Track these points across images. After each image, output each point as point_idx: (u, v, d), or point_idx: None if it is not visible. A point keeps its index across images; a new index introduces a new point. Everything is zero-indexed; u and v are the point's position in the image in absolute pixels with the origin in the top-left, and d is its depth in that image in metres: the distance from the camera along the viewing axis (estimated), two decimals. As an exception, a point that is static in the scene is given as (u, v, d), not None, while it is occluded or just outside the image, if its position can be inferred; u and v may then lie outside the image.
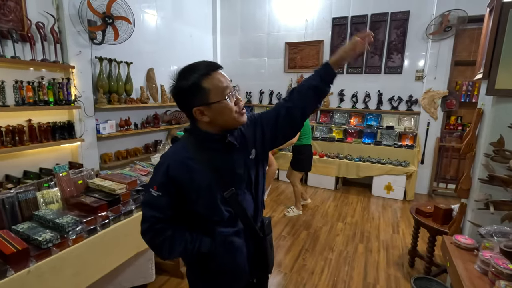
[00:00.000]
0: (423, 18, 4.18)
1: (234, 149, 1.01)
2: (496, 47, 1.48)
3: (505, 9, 1.45)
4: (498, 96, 1.53)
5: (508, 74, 1.48)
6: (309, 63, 5.02)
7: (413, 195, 4.20)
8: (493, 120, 1.55)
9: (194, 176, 0.95)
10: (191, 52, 5.00)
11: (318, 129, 5.00)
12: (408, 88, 4.45)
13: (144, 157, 3.80)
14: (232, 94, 0.98)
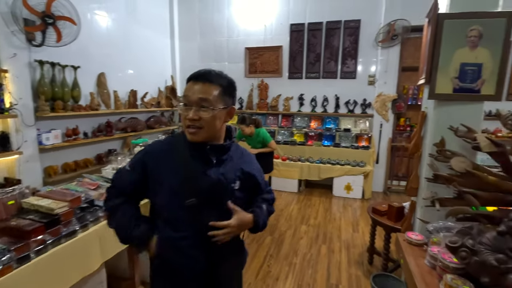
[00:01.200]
0: (373, 27, 4.45)
1: (211, 164, 1.02)
2: (434, 54, 1.59)
3: (441, 20, 1.56)
4: (438, 100, 1.64)
5: (446, 80, 1.60)
6: (269, 68, 5.08)
7: (370, 194, 4.41)
8: (435, 122, 1.66)
9: (164, 170, 1.00)
10: (148, 56, 4.79)
11: (280, 133, 5.06)
12: (362, 92, 4.70)
13: (96, 168, 3.51)
14: (187, 106, 0.97)
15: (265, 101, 5.16)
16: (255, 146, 3.49)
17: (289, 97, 5.06)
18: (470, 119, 1.60)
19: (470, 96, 1.59)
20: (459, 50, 1.56)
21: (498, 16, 1.50)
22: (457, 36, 1.55)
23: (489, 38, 1.52)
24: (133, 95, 4.34)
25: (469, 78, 1.57)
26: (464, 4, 1.54)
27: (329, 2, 4.64)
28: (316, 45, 4.81)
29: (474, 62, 1.55)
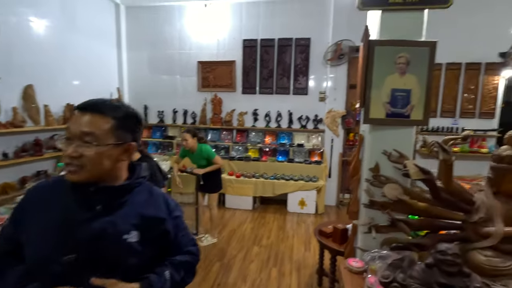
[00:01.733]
0: (322, 45, 4.60)
1: (94, 210, 0.82)
2: (367, 80, 1.60)
3: (372, 46, 1.59)
4: (372, 124, 1.65)
5: (379, 105, 1.62)
6: (222, 82, 4.98)
7: (323, 208, 4.46)
8: (371, 146, 1.67)
9: (40, 218, 0.82)
10: (89, 66, 4.41)
11: (234, 149, 4.94)
12: (314, 108, 4.80)
13: (18, 194, 3.05)
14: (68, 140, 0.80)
15: (219, 116, 5.03)
16: (199, 164, 3.31)
17: (243, 112, 4.99)
18: (402, 143, 1.63)
19: (401, 121, 1.62)
20: (389, 76, 1.59)
21: (423, 45, 1.56)
22: (387, 63, 1.58)
23: (415, 65, 1.57)
24: (70, 109, 3.92)
25: (400, 104, 1.61)
26: (393, 32, 1.58)
27: (280, 20, 4.72)
28: (269, 61, 4.84)
29: (404, 88, 1.59)
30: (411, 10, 1.55)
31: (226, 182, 4.49)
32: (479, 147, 4.40)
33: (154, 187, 0.98)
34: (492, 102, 4.38)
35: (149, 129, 5.26)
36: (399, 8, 1.55)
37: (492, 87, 4.35)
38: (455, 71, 4.41)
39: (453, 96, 4.47)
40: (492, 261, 1.29)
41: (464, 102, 4.45)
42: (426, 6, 1.53)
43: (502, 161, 1.35)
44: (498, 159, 1.37)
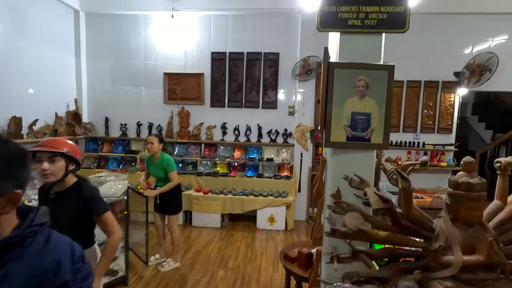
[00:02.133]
0: (291, 60, 4.63)
1: None
2: (328, 102, 1.56)
3: (332, 68, 1.55)
4: (333, 148, 1.60)
5: (340, 128, 1.57)
6: (190, 94, 4.83)
7: (293, 224, 4.38)
8: (332, 171, 1.61)
9: None
10: (41, 76, 4.06)
11: (202, 164, 4.76)
12: (283, 122, 4.78)
13: None
14: None
15: (186, 130, 4.84)
16: (157, 175, 3.08)
17: (212, 126, 4.85)
18: (364, 167, 1.59)
19: (362, 144, 1.58)
20: (349, 99, 1.56)
21: (381, 69, 1.55)
22: (347, 85, 1.55)
23: (374, 89, 1.55)
24: (16, 122, 3.55)
25: (360, 127, 1.57)
26: (352, 54, 1.55)
27: (249, 34, 4.70)
28: (238, 75, 4.77)
29: (363, 112, 1.57)
30: (369, 33, 1.54)
31: (192, 199, 4.29)
32: (439, 161, 4.60)
33: (55, 235, 0.82)
34: (449, 118, 4.63)
35: (111, 143, 4.93)
36: (357, 31, 1.53)
37: (448, 104, 4.61)
38: (415, 89, 4.62)
39: (414, 112, 4.67)
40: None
41: (424, 118, 4.66)
42: (384, 30, 1.53)
43: (458, 188, 1.34)
44: (455, 185, 1.36)
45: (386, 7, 1.52)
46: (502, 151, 6.09)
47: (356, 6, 1.52)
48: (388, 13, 1.52)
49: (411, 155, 4.66)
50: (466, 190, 1.31)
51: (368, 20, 1.52)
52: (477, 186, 1.30)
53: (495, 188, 1.51)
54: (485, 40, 4.45)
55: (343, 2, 1.52)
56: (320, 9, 1.53)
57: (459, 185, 1.34)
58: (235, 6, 4.52)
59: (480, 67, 4.23)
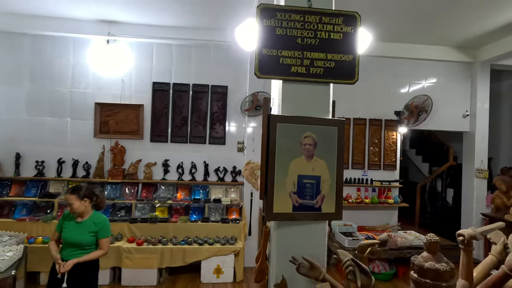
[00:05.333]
0: (240, 94, 4.42)
1: None
2: (269, 163, 1.26)
3: (273, 122, 1.27)
4: (277, 220, 1.28)
5: (284, 195, 1.27)
6: (127, 128, 4.26)
7: (242, 275, 3.92)
8: (277, 248, 1.28)
9: None
10: None
11: (138, 208, 4.11)
12: (232, 159, 4.45)
13: None
14: None
15: (120, 168, 4.20)
16: (75, 238, 2.22)
17: (152, 163, 4.30)
18: (314, 241, 1.29)
19: (311, 214, 1.29)
20: (295, 160, 1.28)
21: (330, 124, 1.32)
22: (292, 143, 1.27)
23: (324, 148, 1.31)
24: None
25: (309, 194, 1.29)
26: (296, 106, 1.30)
27: (195, 65, 4.41)
28: (183, 107, 4.38)
29: (312, 175, 1.29)
30: (315, 82, 1.32)
31: (123, 253, 3.61)
32: (386, 198, 4.64)
33: None
34: (393, 155, 4.77)
35: (22, 185, 4.04)
36: (302, 79, 1.30)
37: (392, 142, 4.76)
38: (361, 126, 4.71)
39: (361, 149, 4.72)
40: None
41: (371, 155, 4.73)
42: (331, 80, 1.32)
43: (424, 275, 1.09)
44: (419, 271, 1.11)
45: (333, 54, 1.32)
46: (439, 183, 6.51)
47: (300, 52, 1.29)
48: (336, 61, 1.32)
49: (360, 192, 4.63)
50: (433, 279, 1.07)
51: (313, 68, 1.30)
52: (446, 274, 1.07)
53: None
54: (420, 83, 4.80)
55: (285, 46, 1.29)
56: (258, 51, 1.28)
57: (424, 272, 1.09)
58: (179, 36, 4.22)
59: (418, 108, 4.48)
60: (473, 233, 1.28)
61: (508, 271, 1.13)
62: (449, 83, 4.85)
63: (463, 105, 4.87)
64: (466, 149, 4.99)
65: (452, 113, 4.83)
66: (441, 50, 4.57)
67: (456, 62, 4.72)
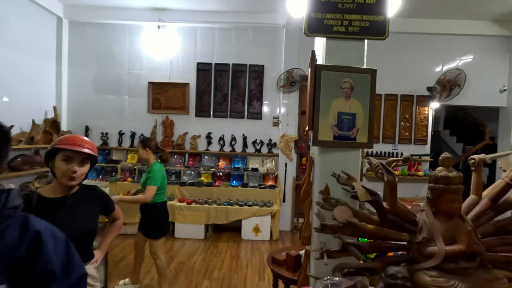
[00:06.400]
0: (275, 72, 4.77)
1: None
2: (315, 103, 1.63)
3: (319, 70, 1.63)
4: (321, 146, 1.65)
5: (327, 127, 1.64)
6: (175, 104, 4.81)
7: (278, 234, 4.36)
8: (320, 169, 1.66)
9: None
10: (20, 82, 3.93)
11: (186, 174, 4.69)
12: (268, 133, 4.85)
13: None
14: None
15: (170, 139, 4.78)
16: (142, 181, 2.73)
17: (197, 136, 4.83)
18: (350, 165, 1.65)
19: (347, 143, 1.65)
20: (336, 100, 1.64)
21: (364, 72, 1.65)
22: (333, 87, 1.63)
23: (359, 91, 1.64)
24: (-11, 128, 3.37)
25: (346, 126, 1.65)
26: (337, 58, 1.65)
27: (235, 47, 4.82)
28: (223, 85, 4.84)
29: (349, 112, 1.65)
30: (352, 39, 1.65)
31: (175, 210, 4.19)
32: (416, 171, 4.81)
33: (31, 220, 0.75)
34: (424, 130, 4.89)
35: (90, 153, 4.77)
36: (342, 36, 1.64)
37: (423, 117, 4.88)
38: (393, 102, 4.87)
39: (392, 124, 4.89)
40: (437, 281, 1.29)
41: (402, 130, 4.89)
42: (366, 37, 1.64)
43: (438, 182, 1.42)
44: (434, 179, 1.44)
45: (367, 15, 1.64)
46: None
47: (340, 14, 1.63)
48: (370, 21, 1.64)
49: (390, 165, 4.82)
50: (445, 183, 1.39)
51: (351, 27, 1.63)
52: (455, 179, 1.39)
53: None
54: (454, 59, 4.82)
55: (329, 10, 1.63)
56: (307, 15, 1.63)
57: (438, 179, 1.42)
58: (221, 20, 4.65)
59: (450, 83, 4.55)
60: (483, 157, 1.57)
61: (509, 181, 1.42)
62: (485, 58, 4.82)
63: (500, 80, 4.82)
64: (502, 125, 4.96)
65: (488, 88, 4.80)
66: (477, 24, 4.56)
67: (493, 36, 4.67)
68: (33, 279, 0.68)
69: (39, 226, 0.74)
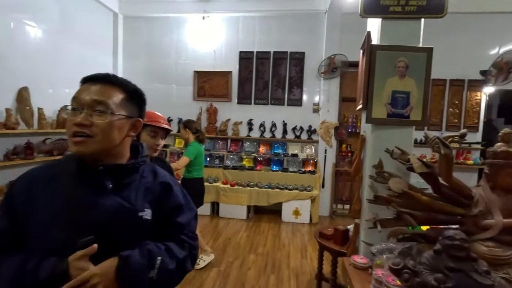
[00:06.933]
0: (316, 59, 4.78)
1: (105, 190, 0.80)
2: (369, 82, 1.70)
3: (374, 50, 1.69)
4: (375, 124, 1.73)
5: (381, 105, 1.70)
6: (218, 92, 5.05)
7: (317, 218, 4.47)
8: (373, 145, 1.74)
9: (41, 203, 0.77)
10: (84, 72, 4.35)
11: (229, 158, 4.95)
12: (307, 119, 4.92)
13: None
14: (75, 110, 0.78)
15: (214, 125, 5.06)
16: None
17: (238, 122, 5.05)
18: (402, 142, 1.70)
19: (401, 121, 1.70)
20: (390, 79, 1.69)
21: (420, 51, 1.68)
22: (387, 66, 1.68)
23: (414, 70, 1.68)
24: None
25: (400, 105, 1.70)
26: (392, 38, 1.69)
27: (276, 35, 4.90)
28: (264, 73, 4.97)
29: (403, 90, 1.69)
30: (409, 18, 1.68)
31: (220, 191, 4.47)
32: (465, 159, 4.59)
33: (158, 168, 0.97)
34: (475, 117, 4.62)
35: (143, 138, 5.21)
36: (398, 16, 1.68)
37: (475, 103, 4.61)
38: (441, 87, 4.66)
39: (439, 110, 4.69)
40: (494, 251, 1.34)
41: (450, 116, 4.67)
42: (423, 15, 1.67)
43: (497, 157, 1.44)
44: (493, 155, 1.46)
45: (425, -6, 1.66)
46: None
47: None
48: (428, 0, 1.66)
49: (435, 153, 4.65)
50: (504, 158, 1.41)
51: (408, 6, 1.66)
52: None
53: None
54: None
55: (385, -10, 1.67)
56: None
57: (497, 154, 1.44)
58: (262, 8, 4.75)
59: (508, 65, 4.23)
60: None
61: None
62: (551, 37, 4.39)
63: None
64: None
65: (553, 71, 4.38)
66: (543, -1, 4.16)
67: (562, 12, 4.23)
68: (168, 208, 0.90)
69: (164, 173, 0.97)
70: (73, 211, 0.76)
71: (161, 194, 0.90)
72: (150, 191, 0.88)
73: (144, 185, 0.88)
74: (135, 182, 0.87)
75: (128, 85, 0.87)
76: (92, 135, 0.77)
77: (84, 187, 0.80)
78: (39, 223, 0.76)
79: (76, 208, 0.77)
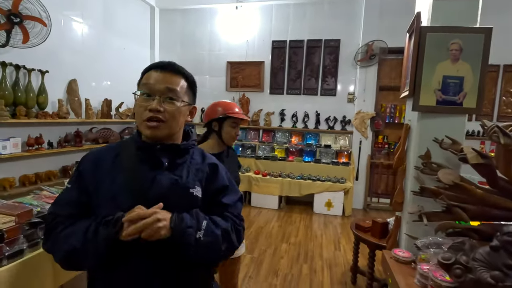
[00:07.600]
0: (352, 46, 4.59)
1: (162, 167, 0.88)
2: (418, 67, 1.59)
3: (424, 33, 1.57)
4: (422, 112, 1.62)
5: (429, 92, 1.59)
6: (250, 82, 5.06)
7: (350, 211, 4.36)
8: (419, 135, 1.64)
9: (104, 178, 0.85)
10: (125, 65, 4.61)
11: (261, 148, 4.97)
12: (341, 109, 4.76)
13: (60, 182, 3.21)
14: (149, 97, 0.86)
15: (246, 116, 5.08)
16: None
17: (270, 112, 5.03)
18: (453, 132, 1.58)
19: (452, 108, 1.58)
20: (441, 63, 1.57)
21: (477, 32, 1.53)
22: (439, 49, 1.56)
23: (469, 53, 1.54)
24: (107, 104, 4.11)
25: (452, 91, 1.57)
26: (445, 18, 1.56)
27: (310, 22, 4.76)
28: (297, 62, 4.87)
29: (456, 75, 1.56)
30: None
31: (252, 181, 4.52)
32: (519, 153, 4.17)
33: (206, 152, 1.03)
34: (533, 106, 4.18)
35: (178, 127, 5.40)
36: (453, -6, 1.54)
37: (533, 90, 4.16)
38: (493, 74, 4.25)
39: (489, 99, 4.30)
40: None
41: (502, 106, 4.27)
42: (482, -8, 1.51)
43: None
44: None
45: (485, -32, 1.50)
46: None
47: (452, -31, 1.53)
48: (488, -26, 1.50)
49: (484, 145, 4.31)
50: None
51: (465, -18, 1.52)
52: None
53: None
54: None
55: (439, -34, 1.54)
56: (413, -25, 1.57)
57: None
58: (297, -5, 4.62)
59: None
60: None
61: None
62: None
63: None
64: None
65: None
66: None
67: None
68: (214, 188, 0.95)
69: (211, 156, 1.03)
70: (135, 183, 0.84)
71: (209, 175, 0.95)
72: (200, 171, 0.94)
73: (195, 166, 0.94)
74: (187, 162, 0.94)
75: (188, 74, 0.96)
76: (165, 120, 0.85)
77: (144, 164, 0.87)
78: (107, 193, 0.84)
79: (138, 181, 0.84)
